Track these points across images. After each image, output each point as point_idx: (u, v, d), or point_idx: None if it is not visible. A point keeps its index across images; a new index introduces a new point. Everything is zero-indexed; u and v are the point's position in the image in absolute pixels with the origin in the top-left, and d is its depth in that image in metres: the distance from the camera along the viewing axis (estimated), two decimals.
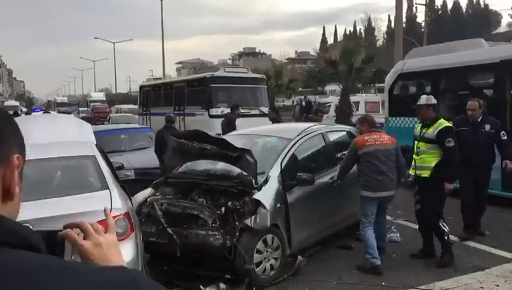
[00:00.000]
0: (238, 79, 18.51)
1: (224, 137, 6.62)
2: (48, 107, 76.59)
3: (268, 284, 5.66)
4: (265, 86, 19.46)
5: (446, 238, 6.26)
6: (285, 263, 5.99)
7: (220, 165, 6.37)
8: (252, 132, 7.84)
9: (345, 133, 7.81)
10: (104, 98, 66.39)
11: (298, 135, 6.72)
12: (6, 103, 57.03)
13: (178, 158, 6.46)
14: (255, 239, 5.58)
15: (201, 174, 6.27)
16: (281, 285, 5.69)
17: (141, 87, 26.78)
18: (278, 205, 5.84)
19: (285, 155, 6.27)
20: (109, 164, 5.86)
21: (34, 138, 7.02)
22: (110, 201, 4.68)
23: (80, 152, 5.86)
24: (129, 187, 7.56)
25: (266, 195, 5.75)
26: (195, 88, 19.36)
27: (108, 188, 4.97)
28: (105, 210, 2.71)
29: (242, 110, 15.99)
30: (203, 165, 6.56)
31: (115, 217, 4.47)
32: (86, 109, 51.67)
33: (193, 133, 6.23)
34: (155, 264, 5.84)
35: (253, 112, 17.33)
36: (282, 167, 6.10)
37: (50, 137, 6.80)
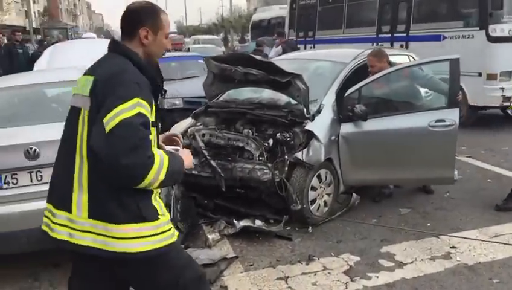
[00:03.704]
0: None
1: (272, 61, 5.77)
2: None
3: (322, 221, 5.04)
4: None
5: None
6: (338, 199, 5.37)
7: (266, 93, 5.58)
8: (302, 56, 6.93)
9: (405, 57, 6.67)
10: (176, 30, 66.43)
11: (354, 59, 5.76)
12: (84, 35, 58.10)
13: (219, 85, 5.67)
14: (309, 175, 4.88)
15: (245, 103, 5.51)
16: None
17: (294, 0, 16.68)
18: (333, 137, 5.07)
19: (341, 82, 5.41)
20: None
21: (73, 61, 6.71)
22: None
23: None
24: (177, 116, 7.27)
25: (320, 126, 4.99)
26: None
27: None
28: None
29: None
30: (247, 93, 5.76)
31: None
32: None
33: (236, 56, 5.47)
34: (196, 198, 5.33)
35: None
36: (337, 95, 5.26)
37: (84, 60, 6.48)
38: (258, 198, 5.17)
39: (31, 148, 3.84)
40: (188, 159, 2.36)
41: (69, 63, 6.68)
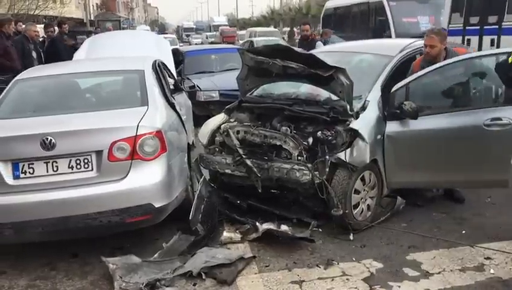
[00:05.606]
0: None
1: (312, 53, 5.31)
2: (177, 32, 78.29)
3: (365, 227, 4.60)
4: None
5: None
6: (381, 203, 4.90)
7: (304, 88, 5.12)
8: (344, 48, 6.40)
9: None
10: (227, 23, 66.22)
11: (401, 51, 5.22)
12: (138, 28, 59.16)
13: (254, 79, 5.24)
14: (353, 177, 4.43)
15: (282, 99, 5.07)
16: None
17: None
18: (379, 136, 4.59)
19: (387, 76, 4.90)
20: (163, 81, 5.09)
21: (102, 53, 6.63)
22: (141, 118, 4.05)
23: (130, 66, 5.14)
24: (213, 108, 7.29)
25: (365, 124, 4.52)
26: None
27: (147, 104, 4.32)
28: None
29: None
30: (282, 87, 5.29)
31: (142, 135, 3.94)
32: (212, 33, 51.25)
33: (274, 48, 5.04)
34: (228, 198, 5.05)
35: None
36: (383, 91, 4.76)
37: (122, 52, 6.44)
38: (294, 200, 4.80)
39: (46, 139, 3.77)
40: None
41: (107, 54, 6.65)
